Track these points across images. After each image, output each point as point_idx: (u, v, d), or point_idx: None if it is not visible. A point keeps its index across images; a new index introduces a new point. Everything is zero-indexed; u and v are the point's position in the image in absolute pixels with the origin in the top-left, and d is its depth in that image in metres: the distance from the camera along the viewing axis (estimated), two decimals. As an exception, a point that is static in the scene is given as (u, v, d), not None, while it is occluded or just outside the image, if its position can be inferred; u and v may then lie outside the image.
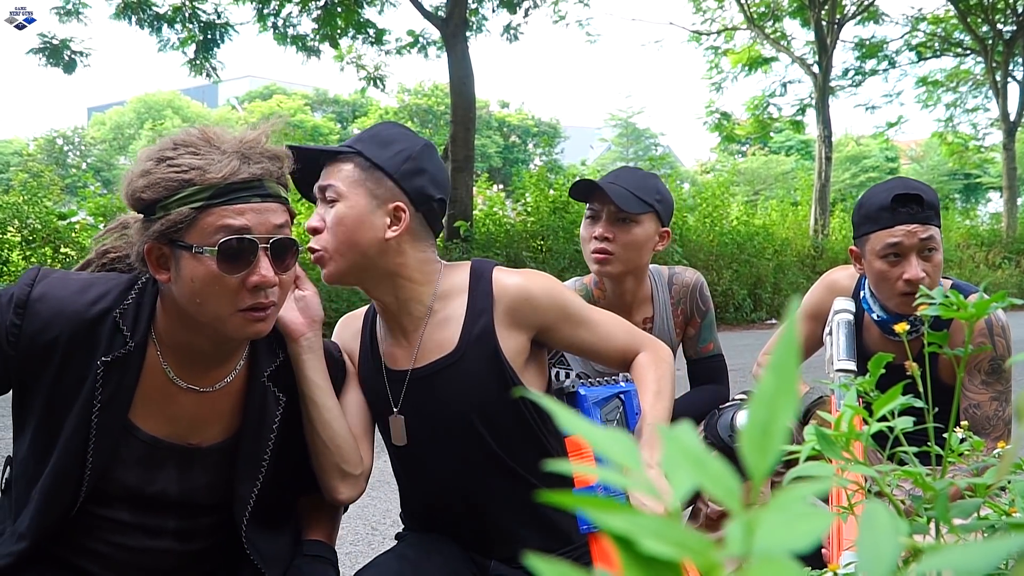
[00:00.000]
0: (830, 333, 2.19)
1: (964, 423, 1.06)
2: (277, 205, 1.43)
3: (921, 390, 0.88)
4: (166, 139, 1.43)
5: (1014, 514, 0.81)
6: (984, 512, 0.82)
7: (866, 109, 25.57)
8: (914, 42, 21.80)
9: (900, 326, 1.02)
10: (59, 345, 1.42)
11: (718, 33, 20.12)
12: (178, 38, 13.21)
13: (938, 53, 22.34)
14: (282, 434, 1.59)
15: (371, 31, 13.93)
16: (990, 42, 20.40)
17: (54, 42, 12.38)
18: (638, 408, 1.75)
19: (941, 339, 0.88)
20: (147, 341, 1.47)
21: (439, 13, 12.64)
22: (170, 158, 1.38)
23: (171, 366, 1.49)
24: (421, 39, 14.43)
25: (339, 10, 13.35)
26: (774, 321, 13.73)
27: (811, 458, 0.79)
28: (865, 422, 0.82)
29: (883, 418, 0.81)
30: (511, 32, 14.54)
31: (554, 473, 1.66)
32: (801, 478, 0.72)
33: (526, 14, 14.30)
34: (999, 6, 19.77)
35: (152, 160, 1.39)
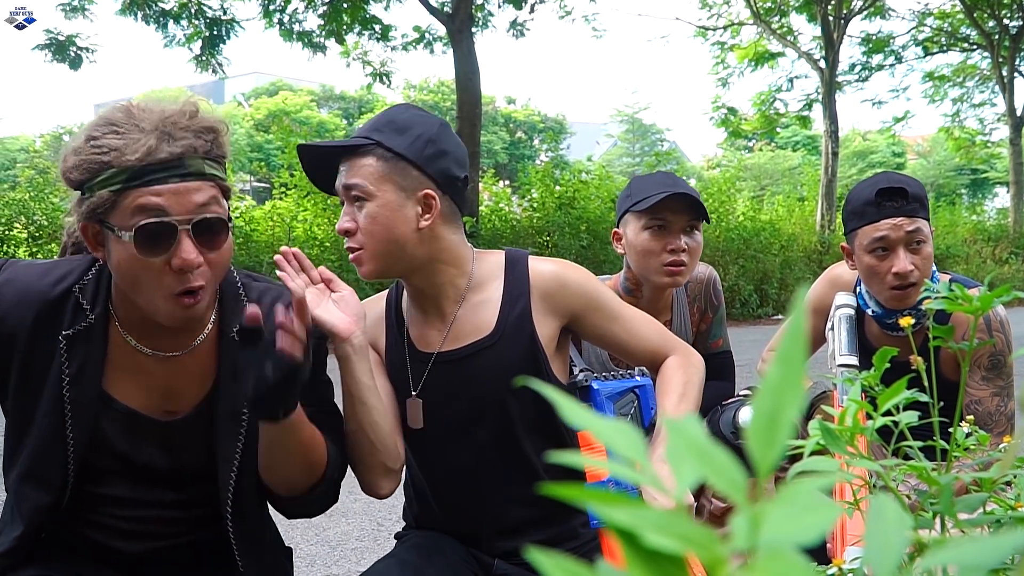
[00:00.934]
0: (832, 328, 2.19)
1: (969, 417, 1.06)
2: (201, 183, 1.36)
3: (926, 384, 0.88)
4: (100, 115, 1.41)
5: (1020, 508, 0.81)
6: (990, 507, 0.82)
7: (873, 104, 25.58)
8: (920, 37, 21.74)
9: (905, 320, 1.02)
10: (25, 325, 1.43)
11: (724, 28, 20.07)
12: (184, 34, 13.24)
13: (944, 48, 22.27)
14: None
15: (377, 27, 13.94)
16: (996, 37, 20.33)
17: (60, 38, 12.42)
18: (653, 403, 1.74)
19: (946, 333, 0.88)
20: (108, 314, 1.48)
21: (445, 9, 12.64)
22: (95, 137, 1.35)
23: (133, 337, 1.49)
24: (427, 35, 14.44)
25: (345, 6, 13.36)
26: (780, 317, 13.72)
27: (815, 453, 0.79)
28: (869, 417, 0.82)
29: (887, 413, 0.81)
30: (517, 28, 14.54)
31: (565, 467, 1.66)
32: (805, 473, 0.72)
33: (532, 9, 14.30)
34: (1005, 1, 19.69)
35: (81, 138, 1.37)
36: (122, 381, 1.49)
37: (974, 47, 21.92)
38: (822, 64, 18.02)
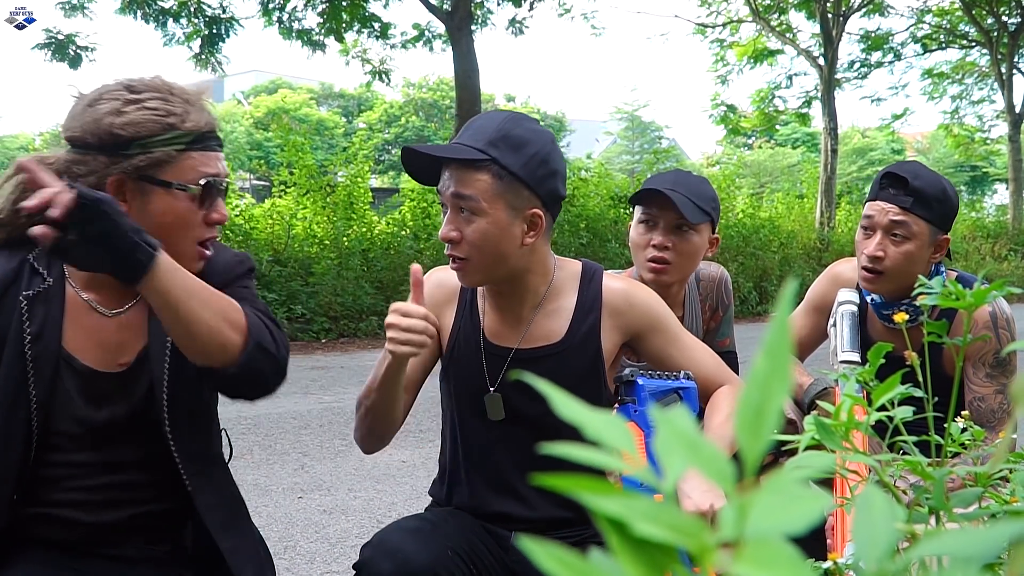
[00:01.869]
0: (834, 325, 2.19)
1: (965, 413, 1.06)
2: (221, 152, 1.60)
3: (920, 380, 0.88)
4: (124, 80, 1.54)
5: (1015, 503, 0.81)
6: (986, 503, 0.82)
7: (872, 101, 25.60)
8: (919, 34, 21.73)
9: (899, 316, 1.02)
10: None
11: (724, 26, 20.07)
12: (183, 33, 13.22)
13: (943, 45, 22.26)
14: None
15: (376, 25, 13.92)
16: (995, 34, 20.32)
17: (59, 37, 12.40)
18: (695, 407, 1.75)
19: (939, 328, 0.88)
20: (63, 275, 1.58)
21: (444, 7, 12.62)
22: (139, 101, 1.48)
23: (87, 294, 1.58)
24: (426, 33, 14.42)
25: (344, 4, 13.34)
26: (779, 314, 13.69)
27: (811, 448, 0.79)
28: (866, 412, 0.82)
29: (883, 408, 0.81)
30: (516, 25, 14.52)
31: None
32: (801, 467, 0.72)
33: (531, 7, 14.28)
34: (1004, -2, 19.70)
35: (119, 100, 1.48)
36: (79, 339, 1.57)
37: (973, 44, 21.90)
38: (821, 61, 18.02)
